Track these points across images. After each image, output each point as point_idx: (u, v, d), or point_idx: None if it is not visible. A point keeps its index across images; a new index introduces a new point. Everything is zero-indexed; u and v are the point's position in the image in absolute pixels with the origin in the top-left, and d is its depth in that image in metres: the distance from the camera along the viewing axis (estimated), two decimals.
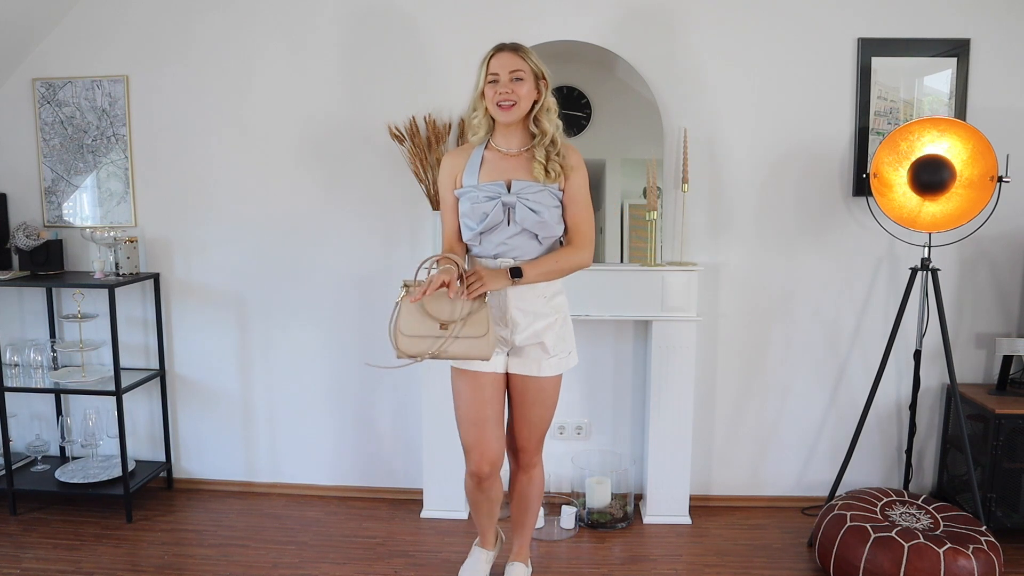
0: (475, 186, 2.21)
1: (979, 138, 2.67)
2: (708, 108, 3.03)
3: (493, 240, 2.20)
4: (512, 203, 2.16)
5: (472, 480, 2.34)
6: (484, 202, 2.17)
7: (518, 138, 2.25)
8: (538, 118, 2.21)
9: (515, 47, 2.19)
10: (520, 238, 2.20)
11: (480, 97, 2.20)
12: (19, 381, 3.15)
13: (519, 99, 2.16)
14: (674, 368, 2.96)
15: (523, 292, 2.21)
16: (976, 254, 3.07)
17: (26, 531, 2.97)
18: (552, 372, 2.29)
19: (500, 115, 2.18)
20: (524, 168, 2.22)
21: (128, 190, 3.25)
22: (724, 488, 3.25)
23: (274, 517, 3.13)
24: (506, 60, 2.16)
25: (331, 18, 3.09)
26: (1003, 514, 2.86)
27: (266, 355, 3.30)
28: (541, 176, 2.18)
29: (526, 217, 2.16)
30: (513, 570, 2.52)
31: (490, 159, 2.25)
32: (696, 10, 3.00)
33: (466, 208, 2.21)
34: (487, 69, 2.17)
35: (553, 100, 2.24)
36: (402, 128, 3.02)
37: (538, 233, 2.20)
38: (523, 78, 2.16)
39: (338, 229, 3.19)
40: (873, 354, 3.07)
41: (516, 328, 2.23)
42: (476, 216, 2.18)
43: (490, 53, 2.19)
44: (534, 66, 2.19)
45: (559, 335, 2.28)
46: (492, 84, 2.16)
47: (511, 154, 2.24)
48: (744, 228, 3.10)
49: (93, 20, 3.17)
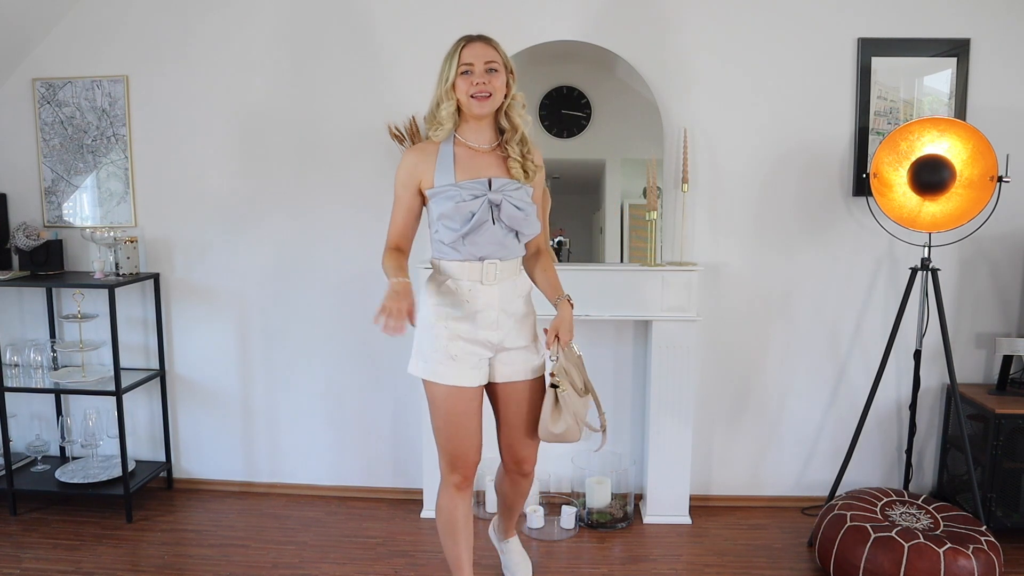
0: (454, 184, 2.08)
1: (979, 138, 2.67)
2: (708, 108, 3.03)
3: (478, 241, 2.08)
4: (498, 201, 2.07)
5: (452, 490, 2.22)
6: (469, 201, 2.06)
7: (488, 133, 2.15)
8: (508, 113, 2.13)
9: (486, 38, 2.10)
10: (507, 238, 2.12)
11: (451, 89, 2.08)
12: (19, 381, 3.15)
13: (494, 91, 2.06)
14: (674, 368, 2.96)
15: (508, 294, 2.15)
16: (976, 254, 3.07)
17: (26, 531, 2.97)
18: (538, 372, 2.23)
19: (475, 107, 2.06)
20: (498, 165, 2.13)
21: (128, 190, 3.25)
22: (724, 488, 3.25)
23: (274, 517, 3.13)
24: (479, 50, 2.06)
25: (331, 18, 3.09)
26: (1003, 514, 2.86)
27: (266, 355, 3.30)
28: (520, 176, 2.12)
29: (513, 215, 2.08)
30: (511, 545, 2.58)
31: (462, 156, 2.12)
32: (696, 10, 3.00)
33: (447, 209, 2.06)
34: (459, 59, 2.06)
35: (521, 94, 2.15)
36: (402, 128, 3.02)
37: (524, 231, 2.13)
38: (497, 69, 2.07)
39: (338, 229, 3.19)
40: (873, 354, 3.07)
41: (504, 330, 2.16)
42: (461, 216, 2.06)
43: (460, 44, 2.08)
44: (504, 58, 2.11)
45: (533, 331, 2.24)
46: (465, 76, 2.05)
47: (483, 150, 2.14)
48: (744, 228, 3.10)
49: (93, 20, 3.17)
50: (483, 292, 2.11)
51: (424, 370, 2.15)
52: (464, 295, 2.11)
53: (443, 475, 2.24)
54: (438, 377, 2.12)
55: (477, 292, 2.11)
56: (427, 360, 2.14)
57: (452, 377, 2.11)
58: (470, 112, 2.09)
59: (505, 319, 2.15)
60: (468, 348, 2.12)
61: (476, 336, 2.13)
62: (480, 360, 2.15)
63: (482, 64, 2.05)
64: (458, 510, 2.23)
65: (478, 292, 2.11)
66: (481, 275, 2.11)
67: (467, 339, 2.12)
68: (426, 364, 2.14)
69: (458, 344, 2.11)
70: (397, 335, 1.91)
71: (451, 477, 2.21)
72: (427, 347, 2.14)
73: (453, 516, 2.23)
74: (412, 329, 2.02)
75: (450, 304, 2.12)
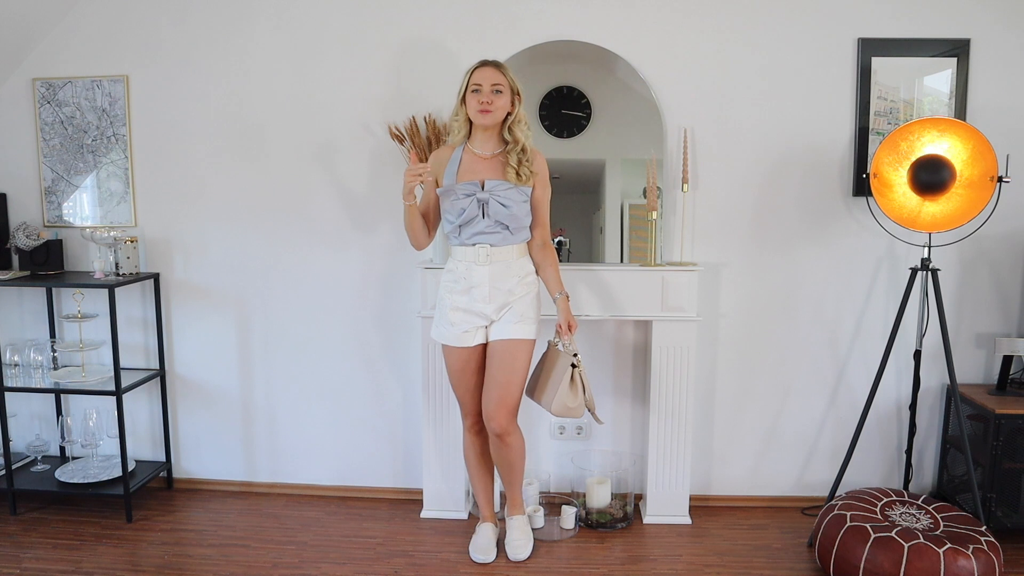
0: (453, 185, 2.56)
1: (979, 138, 2.67)
2: (708, 108, 3.03)
3: (470, 231, 2.57)
4: (485, 199, 2.54)
5: (470, 434, 2.76)
6: (462, 199, 2.55)
7: (492, 143, 2.60)
8: (512, 129, 2.57)
9: (496, 63, 2.54)
10: (494, 228, 2.56)
11: (461, 103, 2.56)
12: (19, 381, 3.15)
13: (495, 108, 2.51)
14: (674, 368, 2.96)
15: (502, 272, 2.58)
16: (976, 254, 3.07)
17: (26, 531, 2.97)
18: (520, 335, 2.58)
19: (479, 119, 2.52)
20: (497, 169, 2.58)
21: (128, 190, 3.25)
22: (724, 488, 3.25)
23: (274, 517, 3.13)
24: (488, 74, 2.52)
25: (331, 18, 3.09)
26: (1003, 514, 2.86)
27: (266, 355, 3.30)
28: (513, 179, 2.55)
29: (498, 211, 2.54)
30: (513, 523, 2.80)
31: (467, 161, 2.60)
32: (696, 10, 3.00)
33: (447, 204, 2.59)
34: (470, 79, 2.53)
35: (525, 114, 2.60)
36: (402, 128, 3.03)
37: (509, 224, 2.56)
38: (502, 91, 2.52)
39: (338, 228, 3.19)
40: (873, 354, 3.07)
41: (496, 302, 2.58)
42: (455, 211, 2.56)
43: (474, 67, 2.54)
44: (511, 82, 2.54)
45: (529, 304, 2.62)
46: (475, 93, 2.52)
47: (485, 156, 2.60)
48: (744, 228, 3.10)
49: (93, 20, 3.17)
50: (477, 271, 2.58)
51: (435, 333, 2.70)
52: (463, 272, 2.60)
53: (462, 419, 2.80)
54: (442, 338, 2.67)
55: (473, 271, 2.58)
56: (437, 325, 2.69)
57: (451, 338, 2.64)
58: (476, 122, 2.55)
59: (497, 294, 2.59)
60: (464, 317, 2.61)
61: (472, 307, 2.60)
62: (476, 328, 2.62)
63: (489, 85, 2.51)
64: (471, 447, 2.79)
65: (474, 271, 2.58)
66: (476, 257, 2.57)
67: (464, 309, 2.61)
68: (436, 329, 2.70)
69: (457, 314, 2.61)
70: (418, 180, 2.49)
71: (464, 421, 2.78)
72: (437, 316, 2.69)
73: (468, 453, 2.82)
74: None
75: (453, 280, 2.62)
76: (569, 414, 2.58)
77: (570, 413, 2.58)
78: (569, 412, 2.57)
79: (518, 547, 2.74)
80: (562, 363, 2.58)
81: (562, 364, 2.58)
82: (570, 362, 2.56)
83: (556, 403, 2.56)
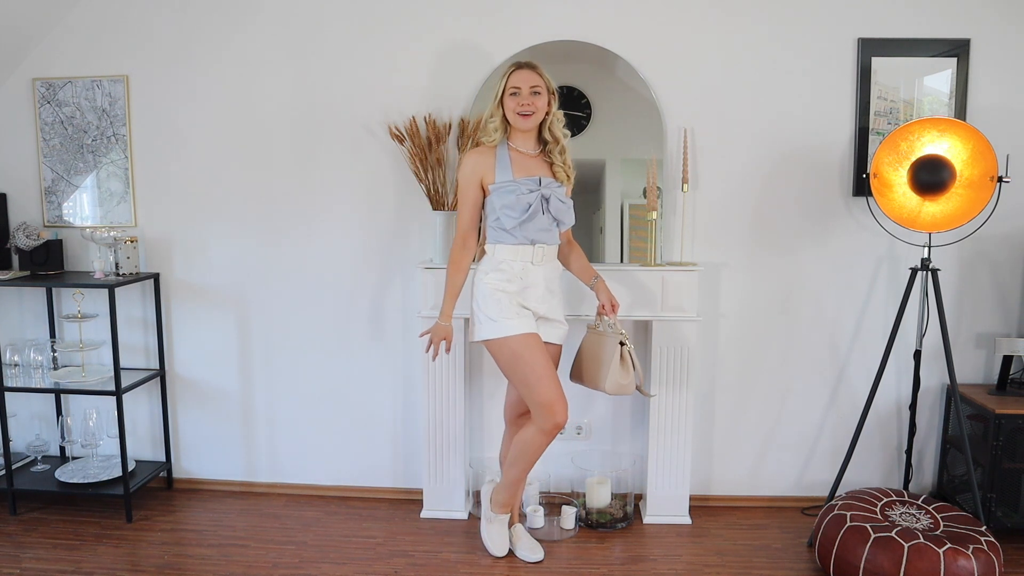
0: (513, 181, 2.51)
1: (979, 138, 2.67)
2: (708, 108, 3.03)
3: (531, 228, 2.52)
4: (548, 196, 2.52)
5: (549, 435, 2.53)
6: (527, 194, 2.50)
7: (533, 142, 2.60)
8: (552, 128, 2.57)
9: (533, 65, 2.53)
10: (552, 226, 2.56)
11: (498, 105, 2.54)
12: (19, 381, 3.15)
13: (536, 110, 2.51)
14: (674, 368, 2.96)
15: (551, 274, 2.60)
16: (976, 254, 3.07)
17: (26, 531, 2.97)
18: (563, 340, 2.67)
19: (520, 123, 2.52)
20: (543, 168, 2.59)
21: (128, 190, 3.25)
22: (724, 488, 3.25)
23: (274, 517, 3.13)
24: (526, 76, 2.51)
25: (332, 18, 3.09)
26: (1003, 514, 2.86)
27: (266, 355, 3.30)
28: (563, 178, 2.58)
29: (560, 208, 2.54)
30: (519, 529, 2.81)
31: (516, 158, 2.56)
32: (696, 10, 3.00)
33: (509, 200, 2.50)
34: (507, 82, 2.51)
35: (560, 112, 2.59)
36: (402, 128, 3.03)
37: (565, 221, 2.58)
38: (540, 92, 2.52)
39: (338, 229, 3.19)
40: (873, 354, 3.07)
41: (547, 303, 2.59)
42: (520, 207, 2.49)
43: (511, 69, 2.53)
44: (548, 83, 2.54)
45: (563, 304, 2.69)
46: (513, 96, 2.51)
47: (531, 155, 2.59)
48: (744, 228, 3.10)
49: (93, 20, 3.17)
50: (532, 271, 2.55)
51: (496, 329, 2.50)
52: (517, 273, 2.53)
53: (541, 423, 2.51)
54: (512, 329, 2.49)
55: (528, 271, 2.54)
56: (497, 319, 2.50)
57: (524, 327, 2.50)
58: (516, 126, 2.54)
59: (549, 295, 2.60)
60: (528, 312, 2.55)
61: (527, 304, 2.55)
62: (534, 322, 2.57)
63: (528, 88, 2.50)
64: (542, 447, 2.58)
65: (529, 271, 2.54)
66: (532, 256, 2.54)
67: (525, 306, 2.55)
68: (496, 323, 2.50)
69: (525, 310, 2.55)
70: (435, 359, 2.60)
71: (547, 421, 2.49)
72: (494, 311, 2.51)
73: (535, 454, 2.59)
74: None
75: (506, 279, 2.53)
76: (622, 391, 2.59)
77: (623, 390, 2.59)
78: (622, 389, 2.59)
79: (535, 547, 2.75)
80: (610, 343, 2.58)
81: (610, 344, 2.58)
82: (618, 340, 2.58)
83: (610, 382, 2.56)
